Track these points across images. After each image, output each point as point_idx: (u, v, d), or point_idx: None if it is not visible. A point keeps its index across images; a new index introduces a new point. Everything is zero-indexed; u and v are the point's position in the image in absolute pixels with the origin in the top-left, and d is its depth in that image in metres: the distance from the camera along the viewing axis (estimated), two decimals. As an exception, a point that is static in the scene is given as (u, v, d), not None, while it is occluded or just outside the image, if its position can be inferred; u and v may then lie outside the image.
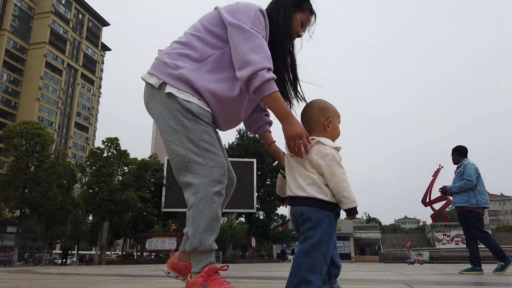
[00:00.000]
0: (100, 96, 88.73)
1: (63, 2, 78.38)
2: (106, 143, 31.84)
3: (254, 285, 3.05)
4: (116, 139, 32.07)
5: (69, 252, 37.98)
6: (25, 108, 68.10)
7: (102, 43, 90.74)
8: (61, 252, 34.75)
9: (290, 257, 36.43)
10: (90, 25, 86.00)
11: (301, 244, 1.42)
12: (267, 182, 41.86)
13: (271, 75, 1.57)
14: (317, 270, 1.37)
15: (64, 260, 32.82)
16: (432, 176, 53.50)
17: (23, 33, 73.27)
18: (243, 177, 36.42)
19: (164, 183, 35.07)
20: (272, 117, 1.91)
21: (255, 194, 37.19)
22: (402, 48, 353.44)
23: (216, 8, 1.80)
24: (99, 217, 31.61)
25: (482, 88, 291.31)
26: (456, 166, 5.89)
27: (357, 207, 1.42)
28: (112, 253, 61.10)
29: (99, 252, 31.43)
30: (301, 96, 1.86)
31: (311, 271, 1.36)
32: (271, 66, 1.60)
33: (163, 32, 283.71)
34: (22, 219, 31.22)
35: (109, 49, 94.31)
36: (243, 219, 39.47)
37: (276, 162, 43.79)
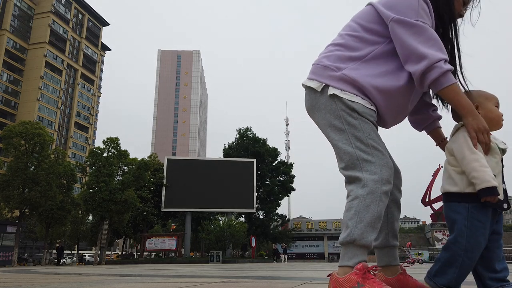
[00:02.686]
0: (100, 96, 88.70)
1: (63, 2, 78.33)
2: (106, 143, 31.83)
3: (254, 285, 3.05)
4: (116, 139, 32.06)
5: (64, 251, 37.82)
6: (25, 108, 68.07)
7: (102, 43, 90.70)
8: (55, 251, 34.40)
9: (283, 257, 36.35)
10: (90, 25, 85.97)
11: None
12: (267, 182, 41.85)
13: (448, 66, 1.52)
14: (456, 264, 1.41)
15: (57, 260, 32.52)
16: (432, 175, 53.56)
17: (23, 33, 73.22)
18: (243, 177, 36.71)
19: (164, 183, 35.33)
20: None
21: (255, 194, 37.40)
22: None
23: (370, 4, 1.73)
24: (99, 217, 31.59)
25: (482, 88, 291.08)
26: None
27: (494, 187, 1.38)
28: (112, 253, 61.09)
29: (99, 252, 31.42)
30: (466, 84, 1.77)
31: (449, 264, 1.42)
32: (447, 57, 1.54)
33: (163, 32, 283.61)
34: (22, 219, 31.20)
35: (109, 49, 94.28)
36: (242, 219, 39.48)
37: (276, 162, 44.04)
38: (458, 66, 1.78)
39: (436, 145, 1.91)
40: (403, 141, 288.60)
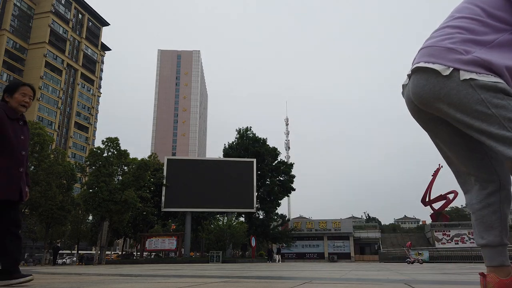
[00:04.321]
0: (100, 96, 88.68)
1: (63, 2, 78.31)
2: (106, 143, 31.82)
3: (254, 285, 3.05)
4: (116, 139, 32.06)
5: (59, 251, 37.60)
6: (25, 108, 68.02)
7: (102, 43, 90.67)
8: (51, 251, 33.99)
9: (276, 256, 36.35)
10: (89, 25, 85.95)
11: None
12: (267, 182, 41.83)
13: None
14: None
15: (53, 260, 32.26)
16: (432, 175, 53.60)
17: (23, 33, 73.21)
18: (243, 177, 36.66)
19: (164, 183, 35.32)
20: None
21: (255, 194, 37.39)
22: (403, 50, 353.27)
23: None
24: (99, 217, 31.59)
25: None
26: None
27: None
28: (112, 253, 61.09)
29: (99, 252, 31.41)
30: None
31: None
32: None
33: (163, 32, 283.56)
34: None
35: (109, 49, 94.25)
36: (242, 219, 39.46)
37: (276, 162, 44.06)
38: None
39: None
40: (403, 141, 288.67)
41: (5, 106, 3.11)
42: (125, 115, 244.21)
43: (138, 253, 40.84)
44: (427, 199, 53.50)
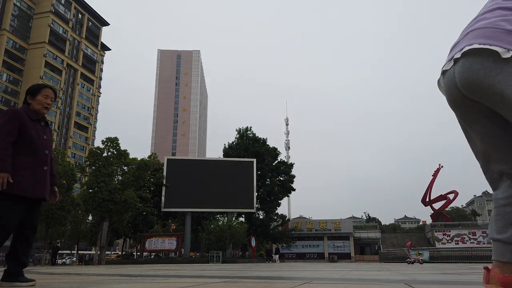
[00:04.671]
0: (100, 96, 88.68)
1: (62, 2, 78.30)
2: (105, 143, 31.82)
3: (254, 285, 3.05)
4: (116, 139, 32.05)
5: (58, 251, 37.43)
6: (24, 108, 68.04)
7: (102, 43, 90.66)
8: (51, 251, 33.63)
9: (275, 257, 36.39)
10: (89, 25, 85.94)
11: None
12: (267, 182, 41.83)
13: None
14: None
15: (52, 260, 31.99)
16: (432, 175, 53.62)
17: (23, 33, 73.20)
18: (243, 177, 36.66)
19: (164, 183, 35.32)
20: None
21: (255, 194, 37.39)
22: (403, 50, 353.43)
23: None
24: (99, 217, 31.58)
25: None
26: None
27: None
28: (112, 253, 61.10)
29: (99, 252, 31.40)
30: None
31: None
32: None
33: (163, 32, 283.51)
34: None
35: (109, 49, 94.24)
36: (242, 219, 39.46)
37: (276, 162, 44.08)
38: None
39: None
40: (403, 141, 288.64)
41: (27, 108, 3.21)
42: (125, 115, 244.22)
43: (138, 253, 40.83)
44: (427, 199, 53.50)
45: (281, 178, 42.92)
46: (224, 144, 44.43)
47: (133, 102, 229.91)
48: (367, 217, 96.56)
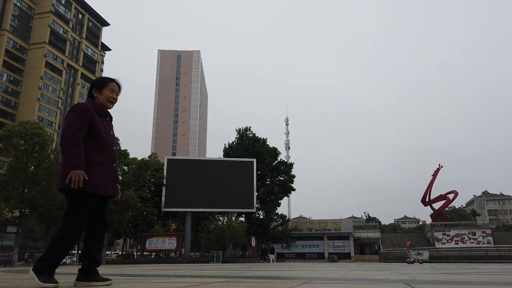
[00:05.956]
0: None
1: (63, 2, 78.31)
2: (105, 143, 31.76)
3: (254, 285, 3.05)
4: (116, 139, 31.99)
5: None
6: (25, 108, 68.06)
7: (102, 43, 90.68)
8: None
9: (271, 256, 36.36)
10: (90, 25, 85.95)
11: None
12: (267, 182, 41.82)
13: None
14: None
15: None
16: (432, 175, 53.66)
17: (23, 33, 73.21)
18: (243, 177, 36.66)
19: (164, 183, 35.31)
20: None
21: (255, 194, 37.37)
22: (403, 49, 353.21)
23: None
24: (99, 217, 31.54)
25: (482, 89, 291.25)
26: None
27: None
28: (112, 252, 61.12)
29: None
30: None
31: None
32: None
33: (163, 32, 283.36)
34: (22, 219, 31.19)
35: (109, 49, 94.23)
36: (242, 219, 39.46)
37: (276, 162, 44.05)
38: None
39: None
40: (404, 141, 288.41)
41: (93, 103, 3.09)
42: (125, 115, 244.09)
43: (138, 253, 40.84)
44: (427, 199, 53.53)
45: (281, 178, 42.93)
46: (224, 144, 44.44)
47: (133, 102, 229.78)
48: (367, 217, 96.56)
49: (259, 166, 40.05)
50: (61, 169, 2.92)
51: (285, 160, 47.69)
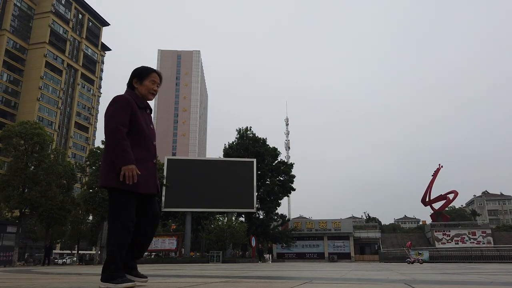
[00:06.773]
0: (100, 96, 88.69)
1: (63, 2, 78.32)
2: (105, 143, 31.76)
3: (254, 285, 3.05)
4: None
5: (52, 251, 37.06)
6: (25, 108, 68.08)
7: (102, 43, 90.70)
8: (46, 251, 32.75)
9: (267, 256, 36.33)
10: (90, 25, 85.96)
11: None
12: (267, 182, 41.81)
13: None
14: None
15: (44, 259, 31.38)
16: (432, 175, 53.64)
17: (23, 33, 73.22)
18: (243, 177, 36.66)
19: (164, 183, 35.30)
20: None
21: (255, 194, 37.36)
22: (404, 49, 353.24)
23: None
24: (99, 217, 31.57)
25: (482, 90, 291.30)
26: None
27: None
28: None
29: (99, 252, 31.39)
30: None
31: None
32: None
33: (163, 32, 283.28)
34: (22, 219, 31.19)
35: (109, 49, 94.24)
36: (242, 219, 39.45)
37: (276, 162, 44.08)
38: None
39: None
40: (404, 141, 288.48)
41: (133, 94, 2.91)
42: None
43: (138, 253, 40.71)
44: (427, 199, 53.52)
45: (281, 178, 42.91)
46: (224, 144, 44.43)
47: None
48: (367, 217, 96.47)
49: (259, 166, 40.04)
50: (103, 165, 2.77)
51: (285, 160, 47.66)
